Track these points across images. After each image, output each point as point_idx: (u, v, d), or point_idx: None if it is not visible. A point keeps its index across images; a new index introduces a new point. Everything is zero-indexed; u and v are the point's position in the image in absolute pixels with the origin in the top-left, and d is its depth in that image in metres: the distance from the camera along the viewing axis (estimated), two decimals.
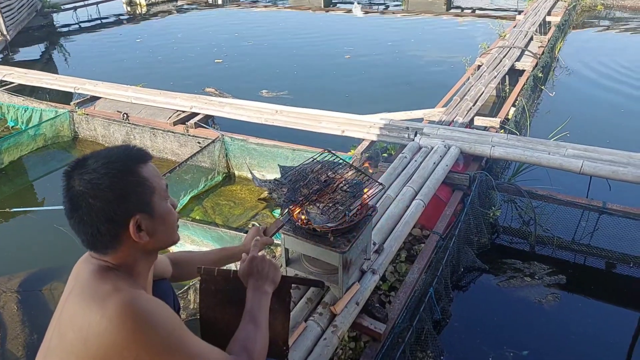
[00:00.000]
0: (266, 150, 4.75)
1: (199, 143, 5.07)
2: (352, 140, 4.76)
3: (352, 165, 2.07)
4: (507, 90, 6.12)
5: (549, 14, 8.98)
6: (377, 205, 2.97)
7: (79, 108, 5.84)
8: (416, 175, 3.48)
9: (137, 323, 1.08)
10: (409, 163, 3.71)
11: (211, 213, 4.46)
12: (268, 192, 1.96)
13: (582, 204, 3.63)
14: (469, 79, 5.94)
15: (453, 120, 4.68)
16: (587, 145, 3.78)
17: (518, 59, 6.51)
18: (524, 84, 5.83)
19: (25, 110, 6.04)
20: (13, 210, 4.61)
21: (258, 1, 14.84)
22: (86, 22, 13.01)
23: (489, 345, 2.92)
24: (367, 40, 10.22)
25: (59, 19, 13.10)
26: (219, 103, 5.44)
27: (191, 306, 3.26)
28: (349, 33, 11.03)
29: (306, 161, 2.06)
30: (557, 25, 8.64)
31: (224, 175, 5.03)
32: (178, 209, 1.31)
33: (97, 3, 14.07)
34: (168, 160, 5.26)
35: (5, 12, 9.76)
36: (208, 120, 5.39)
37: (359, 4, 12.96)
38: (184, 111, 5.45)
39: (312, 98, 6.85)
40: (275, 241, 2.16)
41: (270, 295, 1.45)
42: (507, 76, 6.19)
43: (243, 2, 14.70)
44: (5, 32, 9.72)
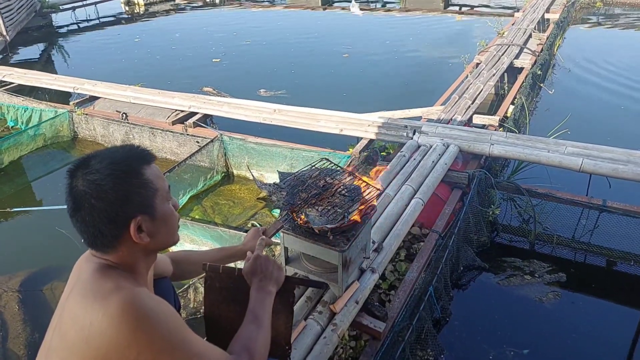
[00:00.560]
0: (265, 149, 4.74)
1: (197, 142, 5.07)
2: (351, 139, 4.76)
3: (350, 172, 2.11)
4: (506, 88, 6.11)
5: (548, 11, 8.97)
6: (376, 204, 2.97)
7: (78, 108, 5.84)
8: (415, 173, 3.48)
9: (139, 321, 1.08)
10: (408, 161, 3.71)
11: (210, 212, 4.46)
12: (268, 194, 1.97)
13: (582, 202, 3.63)
14: (467, 76, 5.94)
15: (452, 119, 4.68)
16: (587, 143, 3.77)
17: (517, 57, 6.50)
18: (523, 82, 5.83)
19: (24, 111, 6.04)
20: (13, 210, 4.61)
21: (256, 0, 14.82)
22: (85, 22, 13.00)
23: (489, 343, 2.92)
24: (365, 39, 10.21)
25: (58, 19, 13.10)
26: (218, 102, 5.43)
27: (191, 305, 3.26)
28: (347, 31, 11.02)
29: (304, 168, 2.10)
30: (556, 22, 8.64)
31: (223, 174, 5.03)
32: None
33: (96, 3, 14.06)
34: (167, 160, 5.25)
35: (4, 13, 9.76)
36: (207, 120, 5.39)
37: (356, 2, 12.94)
38: (182, 111, 5.45)
39: (310, 97, 6.84)
40: (275, 240, 2.17)
41: (273, 296, 1.46)
42: (506, 74, 6.18)
43: (241, 1, 14.67)
44: (4, 33, 9.72)
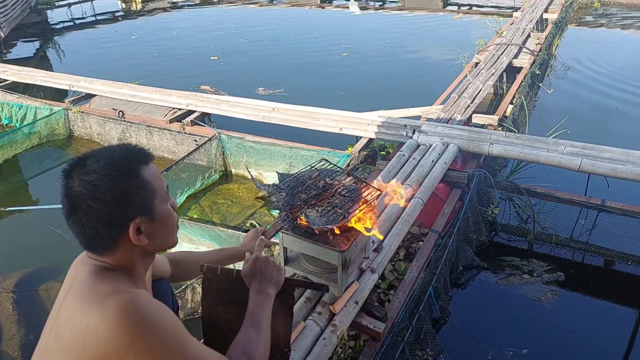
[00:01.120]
0: (263, 148, 4.72)
1: (195, 141, 5.03)
2: (350, 138, 4.74)
3: (350, 173, 2.09)
4: (505, 87, 6.11)
5: (546, 10, 8.96)
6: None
7: (74, 106, 5.79)
8: (414, 173, 3.46)
9: (137, 325, 1.06)
10: (407, 161, 3.70)
11: (208, 212, 4.43)
12: (267, 195, 1.96)
13: (581, 201, 3.63)
14: (466, 76, 5.93)
15: (451, 118, 4.67)
16: (586, 143, 3.77)
17: (515, 56, 6.49)
18: (522, 82, 5.82)
19: (19, 108, 5.98)
20: (8, 209, 4.57)
21: None
22: (80, 19, 12.89)
23: (488, 343, 2.91)
24: (364, 38, 10.19)
25: (53, 15, 13.00)
26: (216, 101, 5.40)
27: (188, 305, 3.23)
28: (346, 30, 10.99)
29: (303, 169, 2.08)
30: (554, 22, 8.64)
31: (221, 173, 5.00)
32: None
33: (92, 0, 13.96)
34: (164, 159, 5.22)
35: None
36: (204, 118, 5.35)
37: (355, 0, 12.91)
38: (180, 109, 5.41)
39: (309, 96, 6.81)
40: (274, 241, 2.15)
41: (273, 298, 1.44)
42: (505, 73, 6.17)
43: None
44: None
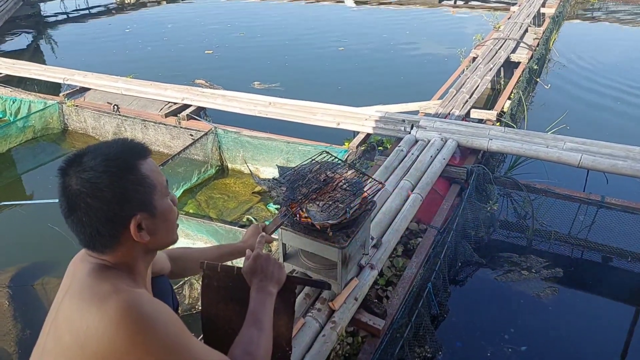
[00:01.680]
0: (260, 142, 4.68)
1: (191, 135, 4.99)
2: (347, 133, 4.71)
3: (351, 165, 2.07)
4: (502, 82, 6.09)
5: (544, 5, 8.94)
6: (375, 199, 2.94)
7: (68, 99, 5.72)
8: (413, 168, 3.45)
9: (138, 325, 1.03)
10: (406, 156, 3.68)
11: (205, 207, 4.40)
12: (267, 190, 1.93)
13: (580, 197, 3.61)
14: (464, 71, 5.90)
15: (449, 113, 4.64)
16: (585, 139, 3.75)
17: (513, 51, 6.47)
18: (520, 76, 5.80)
19: (13, 102, 5.91)
20: (2, 204, 4.52)
21: None
22: (74, 12, 12.75)
23: (486, 339, 2.91)
24: (361, 32, 10.12)
25: (47, 8, 12.84)
26: (212, 95, 5.35)
27: (186, 301, 3.21)
28: (342, 24, 10.92)
29: (304, 162, 2.05)
30: (552, 17, 8.62)
31: (217, 168, 4.96)
32: None
33: None
34: (160, 153, 5.17)
35: None
36: (200, 112, 5.30)
37: None
38: (175, 103, 5.36)
39: (305, 90, 6.77)
40: (275, 237, 2.13)
41: (274, 296, 1.41)
42: (502, 68, 6.15)
43: None
44: None
